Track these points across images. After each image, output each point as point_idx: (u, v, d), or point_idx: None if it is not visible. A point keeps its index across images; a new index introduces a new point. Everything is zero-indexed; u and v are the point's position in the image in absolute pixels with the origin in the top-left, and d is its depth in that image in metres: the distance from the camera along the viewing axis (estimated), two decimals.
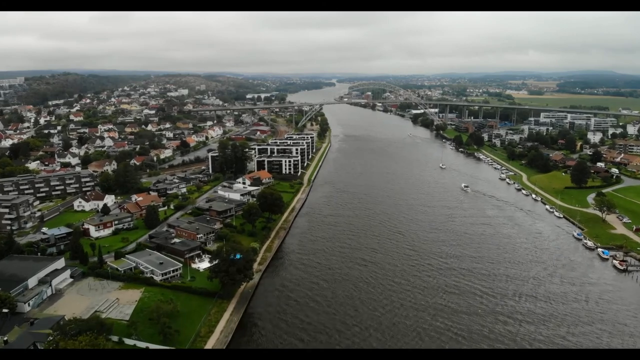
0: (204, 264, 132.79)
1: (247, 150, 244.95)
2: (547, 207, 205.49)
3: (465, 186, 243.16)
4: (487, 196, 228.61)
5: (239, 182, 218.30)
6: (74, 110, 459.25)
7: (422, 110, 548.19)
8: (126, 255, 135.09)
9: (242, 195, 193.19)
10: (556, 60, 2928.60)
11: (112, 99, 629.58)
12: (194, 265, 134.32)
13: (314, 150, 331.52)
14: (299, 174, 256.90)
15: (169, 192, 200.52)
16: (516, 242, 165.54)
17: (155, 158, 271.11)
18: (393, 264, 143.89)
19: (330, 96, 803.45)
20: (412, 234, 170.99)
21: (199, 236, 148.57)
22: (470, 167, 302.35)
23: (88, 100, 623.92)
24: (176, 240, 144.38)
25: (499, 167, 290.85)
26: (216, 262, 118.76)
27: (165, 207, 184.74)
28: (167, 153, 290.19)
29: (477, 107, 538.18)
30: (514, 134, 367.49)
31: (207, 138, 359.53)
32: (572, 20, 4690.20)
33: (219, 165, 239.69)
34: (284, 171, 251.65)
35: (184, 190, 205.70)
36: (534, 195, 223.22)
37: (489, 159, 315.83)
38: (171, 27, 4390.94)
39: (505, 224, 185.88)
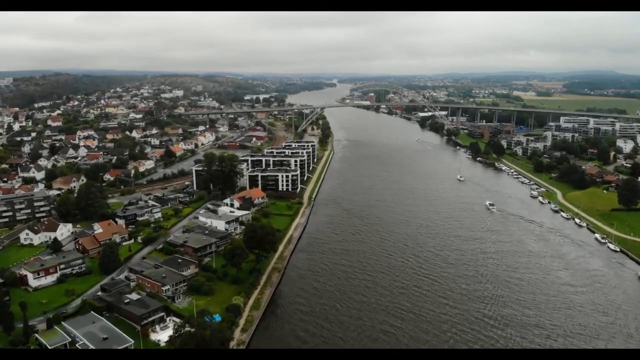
0: (166, 334, 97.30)
1: (236, 162, 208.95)
2: (597, 236, 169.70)
3: (490, 204, 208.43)
4: (518, 218, 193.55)
5: (226, 204, 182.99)
6: (54, 114, 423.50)
7: (429, 113, 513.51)
8: (63, 323, 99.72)
9: (227, 223, 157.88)
10: (557, 60, 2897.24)
11: (101, 101, 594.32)
12: (153, 336, 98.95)
13: (315, 160, 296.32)
14: (298, 190, 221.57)
15: (139, 218, 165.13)
16: (575, 290, 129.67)
17: (133, 171, 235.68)
18: (430, 331, 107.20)
19: (331, 97, 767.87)
20: (443, 278, 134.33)
21: (165, 288, 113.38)
22: (492, 180, 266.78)
23: (76, 102, 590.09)
24: (133, 296, 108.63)
25: (527, 181, 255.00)
26: (179, 334, 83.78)
27: (132, 241, 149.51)
28: (148, 165, 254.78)
29: (490, 109, 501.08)
30: (537, 141, 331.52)
31: (196, 145, 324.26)
32: (572, 20, 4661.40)
33: (203, 182, 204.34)
34: (280, 187, 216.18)
35: (159, 215, 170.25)
36: (577, 220, 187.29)
37: (512, 170, 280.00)
38: (171, 27, 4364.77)
39: (553, 259, 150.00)
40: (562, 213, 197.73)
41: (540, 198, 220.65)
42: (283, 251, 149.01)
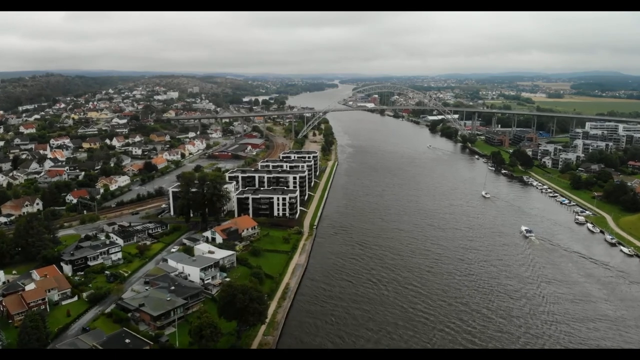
0: None
1: (220, 183, 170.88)
2: None
3: (527, 231, 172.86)
4: (565, 252, 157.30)
5: (206, 238, 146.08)
6: (32, 119, 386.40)
7: (439, 117, 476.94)
8: None
9: (203, 270, 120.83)
10: (560, 61, 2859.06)
11: (89, 104, 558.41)
12: None
13: (318, 173, 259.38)
14: (297, 215, 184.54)
15: (91, 262, 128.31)
16: None
17: (102, 191, 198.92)
18: None
19: (333, 99, 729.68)
20: None
21: None
22: (523, 198, 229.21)
23: (63, 105, 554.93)
24: None
25: (565, 200, 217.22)
26: None
27: (75, 298, 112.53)
28: (123, 181, 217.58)
29: (506, 114, 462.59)
30: (568, 151, 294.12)
31: (183, 156, 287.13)
32: (573, 20, 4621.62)
33: (179, 208, 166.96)
34: (276, 213, 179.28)
35: (118, 256, 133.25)
36: None
37: (545, 186, 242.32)
38: (170, 27, 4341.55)
39: (637, 322, 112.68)
40: (623, 248, 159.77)
41: (589, 225, 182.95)
42: (276, 311, 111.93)
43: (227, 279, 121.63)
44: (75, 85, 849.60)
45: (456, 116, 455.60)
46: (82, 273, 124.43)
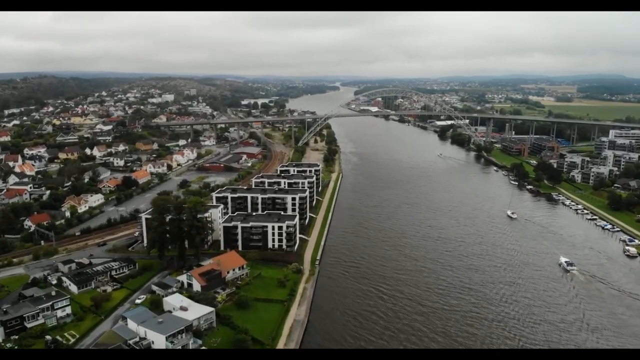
0: None
1: (201, 212, 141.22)
2: None
3: (567, 264, 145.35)
4: (614, 289, 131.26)
5: (181, 284, 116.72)
6: (10, 125, 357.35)
7: (448, 122, 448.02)
8: None
9: (171, 337, 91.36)
10: (563, 63, 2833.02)
11: (78, 107, 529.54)
12: None
13: (320, 189, 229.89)
14: (296, 245, 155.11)
15: (29, 322, 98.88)
16: None
17: (67, 213, 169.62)
18: None
19: (335, 102, 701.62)
20: None
21: None
22: (555, 220, 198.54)
23: (51, 109, 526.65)
24: None
25: (608, 225, 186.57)
26: None
27: None
28: (96, 200, 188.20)
29: (521, 120, 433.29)
30: (598, 164, 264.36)
31: (169, 167, 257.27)
32: (574, 22, 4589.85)
33: (151, 242, 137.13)
34: (270, 244, 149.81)
35: (67, 311, 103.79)
36: None
37: (580, 206, 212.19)
38: (169, 28, 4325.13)
39: None
40: None
41: None
42: None
43: (203, 348, 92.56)
44: (69, 87, 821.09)
45: (467, 121, 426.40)
46: (17, 337, 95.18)
